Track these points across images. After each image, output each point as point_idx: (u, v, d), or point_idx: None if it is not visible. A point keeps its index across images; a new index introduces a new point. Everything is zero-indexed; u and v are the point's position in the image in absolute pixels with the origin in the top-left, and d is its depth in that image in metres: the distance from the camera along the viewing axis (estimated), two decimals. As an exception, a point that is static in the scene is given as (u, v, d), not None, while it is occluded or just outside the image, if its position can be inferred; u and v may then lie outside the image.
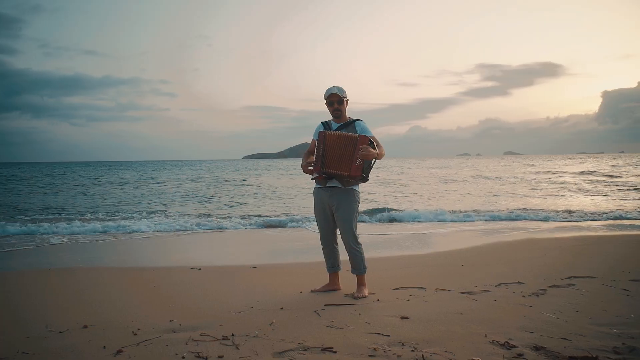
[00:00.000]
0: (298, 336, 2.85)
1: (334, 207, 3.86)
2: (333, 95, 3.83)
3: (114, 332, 2.99)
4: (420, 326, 3.00)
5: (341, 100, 3.85)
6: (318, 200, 3.97)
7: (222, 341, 2.78)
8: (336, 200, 3.84)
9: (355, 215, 3.88)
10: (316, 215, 4.03)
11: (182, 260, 6.20)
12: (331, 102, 3.87)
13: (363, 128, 3.83)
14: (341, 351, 2.58)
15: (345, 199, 3.83)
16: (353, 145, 3.61)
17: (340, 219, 3.85)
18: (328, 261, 4.08)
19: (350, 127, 3.86)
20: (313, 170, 3.81)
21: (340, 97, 3.84)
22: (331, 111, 3.91)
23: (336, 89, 3.83)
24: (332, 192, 3.86)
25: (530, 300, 3.61)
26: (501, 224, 9.95)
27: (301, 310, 3.47)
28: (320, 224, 4.02)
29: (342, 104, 3.86)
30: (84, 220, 10.08)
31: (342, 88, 3.86)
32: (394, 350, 2.58)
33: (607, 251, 6.11)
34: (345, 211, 3.83)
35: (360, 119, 3.91)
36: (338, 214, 3.85)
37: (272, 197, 18.10)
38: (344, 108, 3.88)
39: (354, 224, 3.87)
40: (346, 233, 3.86)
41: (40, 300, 4.01)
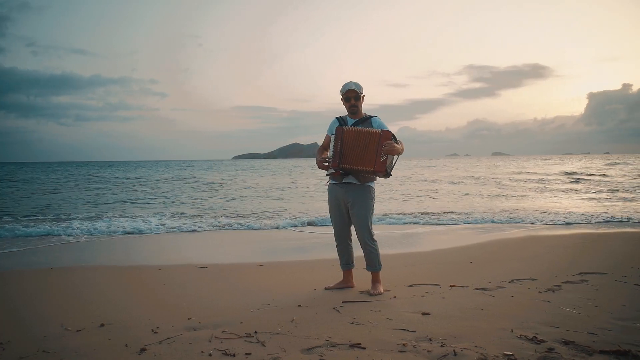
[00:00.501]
0: (322, 333, 2.81)
1: (350, 203, 3.83)
2: (350, 91, 3.80)
3: (133, 331, 2.93)
4: (444, 322, 2.99)
5: (358, 96, 3.82)
6: (333, 196, 3.94)
7: (246, 338, 2.74)
8: (352, 197, 3.81)
9: (371, 212, 3.85)
10: (330, 211, 4.00)
11: (184, 258, 6.13)
12: (348, 98, 3.83)
13: (380, 124, 3.81)
14: (370, 347, 2.55)
15: (361, 195, 3.81)
16: (376, 141, 3.57)
17: (356, 216, 3.82)
18: (342, 258, 4.05)
19: (367, 123, 3.83)
20: (330, 166, 3.78)
21: (358, 93, 3.81)
22: (347, 107, 3.87)
23: (353, 85, 3.80)
24: (348, 188, 3.83)
25: (547, 295, 3.62)
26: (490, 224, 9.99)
27: (319, 307, 3.43)
28: (334, 221, 3.99)
29: (359, 100, 3.84)
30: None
31: (359, 84, 3.83)
32: (422, 345, 2.56)
33: (610, 248, 6.17)
34: (362, 208, 3.80)
35: (376, 116, 3.88)
36: (354, 211, 3.82)
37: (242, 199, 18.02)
38: (360, 104, 3.85)
39: (370, 220, 3.85)
40: (362, 230, 3.83)
41: (48, 299, 3.92)
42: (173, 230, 8.94)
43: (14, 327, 3.10)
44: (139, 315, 3.32)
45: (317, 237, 8.15)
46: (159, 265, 5.48)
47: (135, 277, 4.89)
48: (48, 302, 3.80)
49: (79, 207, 13.92)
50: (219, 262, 5.71)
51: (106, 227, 8.94)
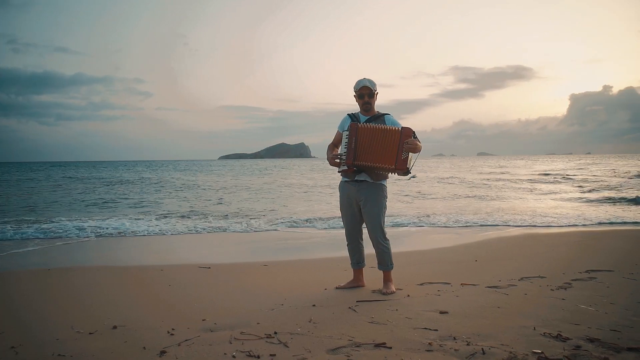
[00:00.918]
0: (344, 332, 2.77)
1: (362, 201, 3.79)
2: (364, 88, 3.75)
3: (148, 333, 2.85)
4: (464, 320, 2.96)
5: (372, 94, 3.79)
6: (344, 194, 3.90)
7: (267, 339, 2.68)
8: (364, 195, 3.77)
9: (383, 211, 3.82)
10: (342, 210, 3.96)
11: (184, 259, 6.04)
12: (362, 95, 3.79)
13: (393, 122, 3.77)
14: (396, 347, 2.52)
15: (374, 193, 3.77)
16: (398, 138, 3.52)
17: (369, 214, 3.78)
18: (353, 257, 4.01)
19: (380, 120, 3.79)
20: (344, 163, 3.71)
21: (372, 90, 3.77)
22: (361, 104, 3.83)
23: (367, 82, 3.76)
24: (360, 186, 3.78)
25: (559, 293, 3.62)
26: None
27: (334, 306, 3.39)
28: (346, 219, 3.94)
29: (373, 97, 3.80)
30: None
31: (372, 81, 3.79)
32: (448, 344, 2.53)
33: (610, 246, 6.24)
34: (374, 206, 3.76)
35: (389, 113, 3.85)
36: (366, 209, 3.78)
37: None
38: (373, 101, 3.81)
39: (383, 219, 3.82)
40: (374, 228, 3.79)
41: (51, 301, 3.81)
42: (163, 232, 8.74)
43: (23, 329, 2.99)
44: (150, 316, 3.23)
45: (314, 237, 8.11)
46: (161, 266, 5.38)
47: (138, 277, 4.79)
48: (52, 304, 3.70)
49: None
50: (221, 262, 5.63)
51: (96, 227, 8.73)
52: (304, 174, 37.24)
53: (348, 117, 3.92)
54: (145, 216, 11.01)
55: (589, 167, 41.43)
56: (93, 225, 8.98)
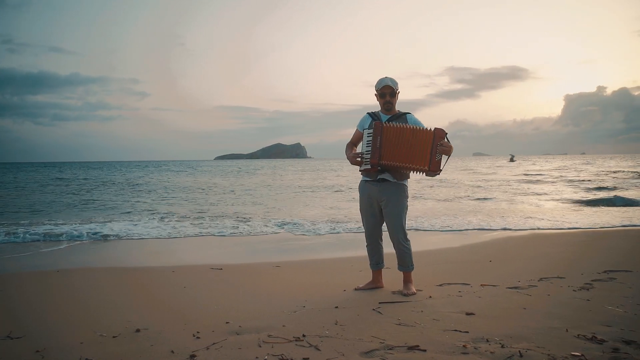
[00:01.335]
0: (373, 335, 2.73)
1: (384, 202, 3.74)
2: (387, 87, 3.70)
3: (173, 336, 2.80)
4: (492, 322, 2.93)
5: (393, 93, 3.74)
6: (365, 194, 3.85)
7: (297, 342, 2.63)
8: (386, 195, 3.73)
9: (405, 211, 3.78)
10: (362, 210, 3.91)
11: (194, 260, 5.98)
12: (383, 94, 3.74)
13: (415, 122, 3.71)
14: (430, 349, 2.48)
15: (396, 193, 3.72)
16: (430, 139, 3.46)
17: (391, 215, 3.74)
18: (372, 258, 3.96)
19: (402, 119, 3.74)
20: (367, 162, 3.64)
21: (393, 89, 3.72)
22: (382, 103, 3.78)
23: (389, 81, 3.71)
24: (383, 186, 3.74)
25: (583, 294, 3.59)
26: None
27: (358, 308, 3.34)
28: (366, 220, 3.90)
29: (394, 97, 3.75)
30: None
31: (394, 80, 3.74)
32: (482, 347, 2.50)
33: (621, 246, 6.24)
34: (396, 206, 3.72)
35: (410, 112, 3.80)
36: (388, 209, 3.74)
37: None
38: (394, 100, 3.76)
39: (404, 219, 3.77)
40: (396, 229, 3.74)
41: (68, 303, 3.74)
42: (165, 236, 8.66)
43: (44, 333, 2.92)
44: (171, 319, 3.17)
45: (319, 239, 8.06)
46: (172, 267, 5.32)
47: (152, 279, 4.73)
48: (68, 306, 3.62)
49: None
50: (232, 263, 5.57)
51: (98, 229, 8.64)
52: (314, 174, 37.21)
53: (368, 116, 3.87)
54: (142, 218, 10.90)
55: (588, 167, 41.67)
56: (89, 228, 8.88)
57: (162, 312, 3.39)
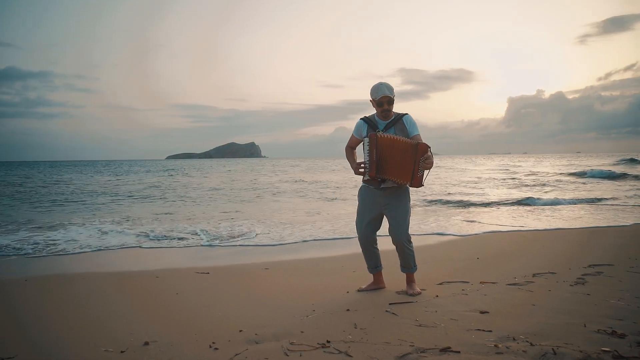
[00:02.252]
0: (398, 337, 2.68)
1: (387, 207, 3.70)
2: (384, 97, 3.61)
3: (188, 348, 2.62)
4: (509, 320, 2.95)
5: (391, 101, 3.67)
6: (366, 200, 3.78)
7: (324, 349, 2.54)
8: (389, 199, 3.69)
9: (409, 214, 3.75)
10: (360, 214, 3.83)
11: (174, 264, 5.69)
12: (381, 103, 3.65)
13: (412, 124, 3.67)
14: (463, 350, 2.45)
15: (399, 197, 3.69)
16: (413, 155, 3.45)
17: (395, 217, 3.69)
18: (370, 262, 3.90)
19: (399, 123, 3.69)
20: (368, 175, 3.59)
21: (391, 97, 3.65)
22: (379, 112, 3.69)
23: (386, 90, 3.62)
24: (386, 192, 3.70)
25: (580, 288, 3.71)
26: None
27: (370, 310, 3.28)
28: (362, 223, 3.79)
29: (392, 104, 3.69)
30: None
31: (390, 86, 3.67)
32: (512, 345, 2.50)
33: (597, 242, 6.53)
34: (401, 210, 3.68)
35: (407, 113, 3.75)
36: (393, 213, 3.69)
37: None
38: (392, 107, 3.71)
39: (408, 222, 3.74)
40: (400, 232, 3.69)
41: (56, 314, 3.43)
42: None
43: (37, 350, 2.64)
44: (178, 329, 2.98)
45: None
46: (154, 271, 5.04)
47: (138, 285, 4.46)
48: (57, 318, 3.32)
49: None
50: (216, 266, 5.35)
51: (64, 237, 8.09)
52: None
53: (363, 122, 3.78)
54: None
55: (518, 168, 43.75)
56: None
57: (164, 322, 3.18)
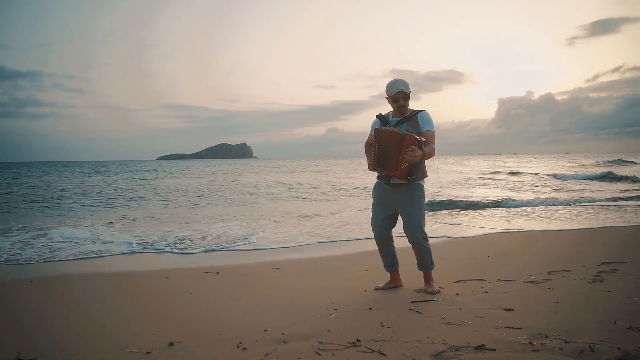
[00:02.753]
0: (429, 335, 2.64)
1: (399, 204, 3.66)
2: (399, 92, 3.59)
3: (215, 349, 2.56)
4: (536, 317, 2.92)
5: (407, 96, 3.64)
6: (379, 196, 3.76)
7: (356, 348, 2.49)
8: (401, 196, 3.65)
9: (423, 211, 3.71)
10: (374, 212, 3.81)
11: (180, 263, 5.60)
12: (396, 99, 3.63)
13: (425, 120, 3.63)
14: (499, 348, 2.41)
15: (412, 194, 3.64)
16: (399, 145, 3.40)
17: (408, 216, 3.65)
18: (387, 260, 3.86)
19: (412, 120, 3.65)
20: (369, 169, 3.66)
21: (406, 93, 3.62)
22: (395, 107, 3.67)
23: (401, 85, 3.60)
24: (397, 187, 3.66)
25: (600, 286, 3.70)
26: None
27: (393, 308, 3.24)
28: (378, 221, 3.77)
29: (407, 100, 3.66)
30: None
31: (406, 82, 3.64)
32: (546, 343, 2.47)
33: (600, 241, 6.56)
34: (414, 207, 3.64)
35: (424, 110, 3.72)
36: (405, 211, 3.65)
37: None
38: (407, 103, 3.67)
39: (423, 219, 3.70)
40: (414, 230, 3.65)
41: (74, 314, 3.34)
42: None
43: (58, 351, 2.56)
44: (200, 329, 2.93)
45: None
46: (161, 272, 4.95)
47: (148, 286, 4.38)
48: (73, 319, 3.23)
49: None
50: (225, 265, 5.28)
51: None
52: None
53: (378, 120, 3.77)
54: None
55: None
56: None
57: (183, 322, 3.11)
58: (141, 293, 4.10)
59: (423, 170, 3.64)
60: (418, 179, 3.62)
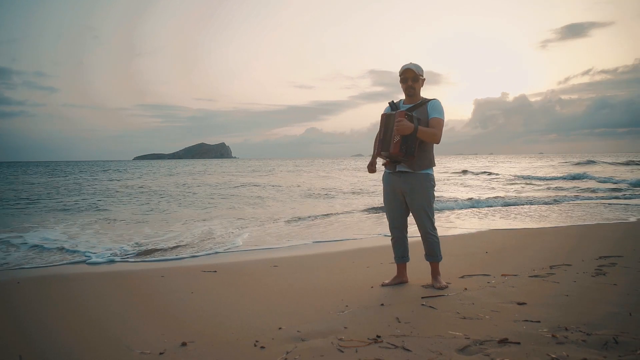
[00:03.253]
0: (449, 330, 2.60)
1: (407, 193, 3.62)
2: (408, 71, 3.59)
3: (230, 348, 2.47)
4: (551, 310, 2.91)
5: (416, 78, 3.61)
6: (388, 185, 3.72)
7: (379, 345, 2.43)
8: (409, 186, 3.61)
9: (432, 200, 3.67)
10: (386, 202, 3.78)
11: (176, 261, 5.45)
12: (405, 79, 3.62)
13: (435, 108, 3.59)
14: (523, 341, 2.38)
15: (419, 183, 3.60)
16: (392, 123, 3.43)
17: (416, 205, 3.62)
18: (398, 251, 3.82)
19: (423, 107, 3.62)
20: (376, 154, 3.66)
21: (416, 73, 3.60)
22: (404, 88, 3.66)
23: (412, 65, 3.60)
24: (404, 177, 3.62)
25: (603, 279, 3.73)
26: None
27: (404, 304, 3.20)
28: (390, 211, 3.76)
29: (417, 82, 3.63)
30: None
31: (418, 65, 3.63)
32: (569, 336, 2.45)
33: (584, 235, 6.68)
34: (422, 197, 3.60)
35: (436, 98, 3.68)
36: (413, 200, 3.62)
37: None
38: (418, 86, 3.64)
39: (431, 209, 3.67)
40: (423, 219, 3.63)
41: (74, 315, 3.18)
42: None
43: (61, 352, 2.41)
44: (210, 329, 2.82)
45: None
46: (156, 271, 4.79)
47: (145, 285, 4.22)
48: (73, 320, 3.07)
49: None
50: (220, 263, 5.15)
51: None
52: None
53: (388, 107, 3.76)
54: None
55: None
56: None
57: (190, 322, 2.99)
58: (139, 293, 3.95)
59: (430, 159, 3.62)
60: (424, 167, 3.60)
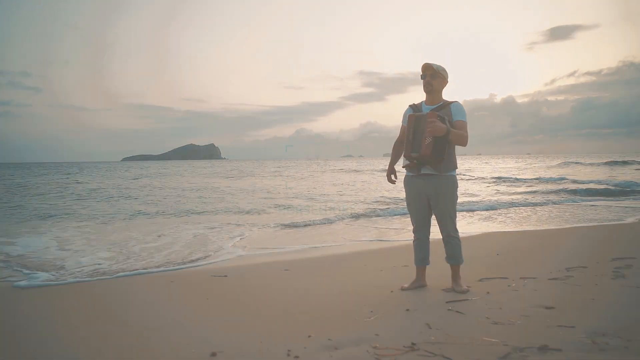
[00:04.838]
0: (485, 337, 2.54)
1: (432, 196, 3.57)
2: (426, 66, 3.55)
3: (262, 358, 2.37)
4: (582, 315, 2.88)
5: (435, 74, 3.56)
6: (413, 189, 3.66)
7: (417, 352, 2.37)
8: (433, 188, 3.56)
9: (455, 203, 3.64)
10: (409, 205, 3.72)
11: (182, 264, 5.33)
12: (423, 75, 3.59)
13: (458, 110, 3.56)
14: (565, 348, 2.33)
15: (444, 186, 3.56)
16: (424, 124, 3.38)
17: (440, 208, 3.58)
18: (419, 254, 3.76)
19: (446, 109, 3.57)
20: (403, 155, 3.59)
21: (434, 70, 3.55)
22: (423, 85, 3.62)
23: (433, 63, 3.57)
24: (428, 180, 3.56)
25: (623, 282, 3.71)
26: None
27: (430, 309, 3.14)
28: (415, 214, 3.70)
29: (436, 79, 3.57)
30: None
31: (440, 66, 3.58)
32: (609, 342, 2.41)
33: (591, 237, 6.69)
34: (447, 199, 3.56)
35: (457, 101, 3.64)
36: (437, 203, 3.57)
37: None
38: (436, 83, 3.58)
39: (454, 212, 3.63)
40: (446, 222, 3.59)
41: (87, 325, 3.06)
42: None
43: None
44: (236, 337, 2.73)
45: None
46: (167, 275, 4.67)
47: (155, 291, 4.10)
48: (94, 331, 2.96)
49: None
50: (229, 267, 5.04)
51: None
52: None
53: (409, 109, 3.70)
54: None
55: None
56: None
57: (213, 330, 2.89)
58: (149, 300, 3.83)
59: (454, 161, 3.59)
60: (449, 170, 3.56)
